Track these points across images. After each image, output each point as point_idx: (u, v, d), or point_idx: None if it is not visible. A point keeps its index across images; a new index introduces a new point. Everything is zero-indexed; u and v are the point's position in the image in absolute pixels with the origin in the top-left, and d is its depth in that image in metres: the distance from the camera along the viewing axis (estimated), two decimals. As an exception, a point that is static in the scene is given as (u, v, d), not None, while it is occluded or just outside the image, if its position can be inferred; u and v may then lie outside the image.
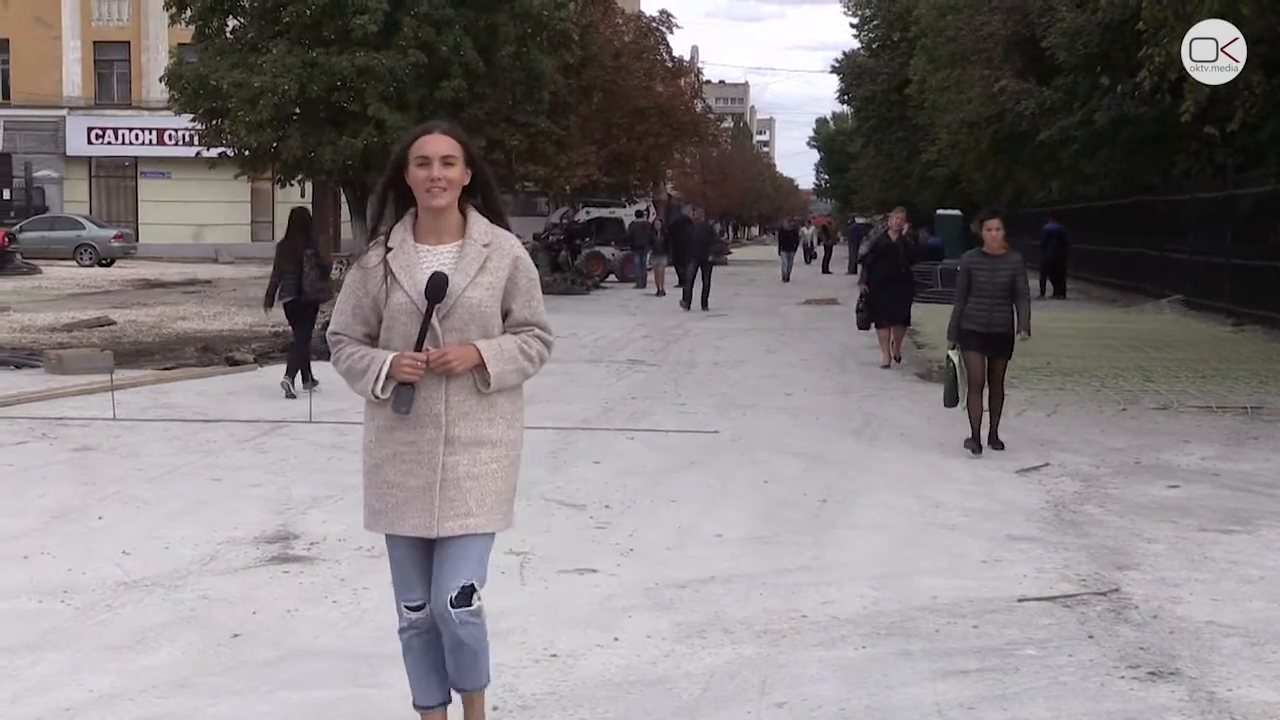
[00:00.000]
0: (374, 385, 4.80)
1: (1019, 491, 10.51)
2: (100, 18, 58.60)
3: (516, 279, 4.94)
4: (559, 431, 13.06)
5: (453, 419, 4.84)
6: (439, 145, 4.84)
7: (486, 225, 4.95)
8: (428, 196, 4.83)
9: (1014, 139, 37.68)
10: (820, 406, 15.24)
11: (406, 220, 4.96)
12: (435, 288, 4.76)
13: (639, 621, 6.97)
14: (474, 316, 4.84)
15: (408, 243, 4.90)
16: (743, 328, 26.48)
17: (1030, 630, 6.88)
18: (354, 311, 4.95)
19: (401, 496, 4.86)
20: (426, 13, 30.86)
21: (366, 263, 4.95)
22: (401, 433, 4.85)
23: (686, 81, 57.96)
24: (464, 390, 4.84)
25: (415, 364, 4.75)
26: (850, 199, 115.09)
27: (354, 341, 4.94)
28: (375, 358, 4.83)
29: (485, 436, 4.89)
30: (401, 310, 4.83)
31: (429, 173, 4.80)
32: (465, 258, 4.86)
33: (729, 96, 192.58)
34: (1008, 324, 12.29)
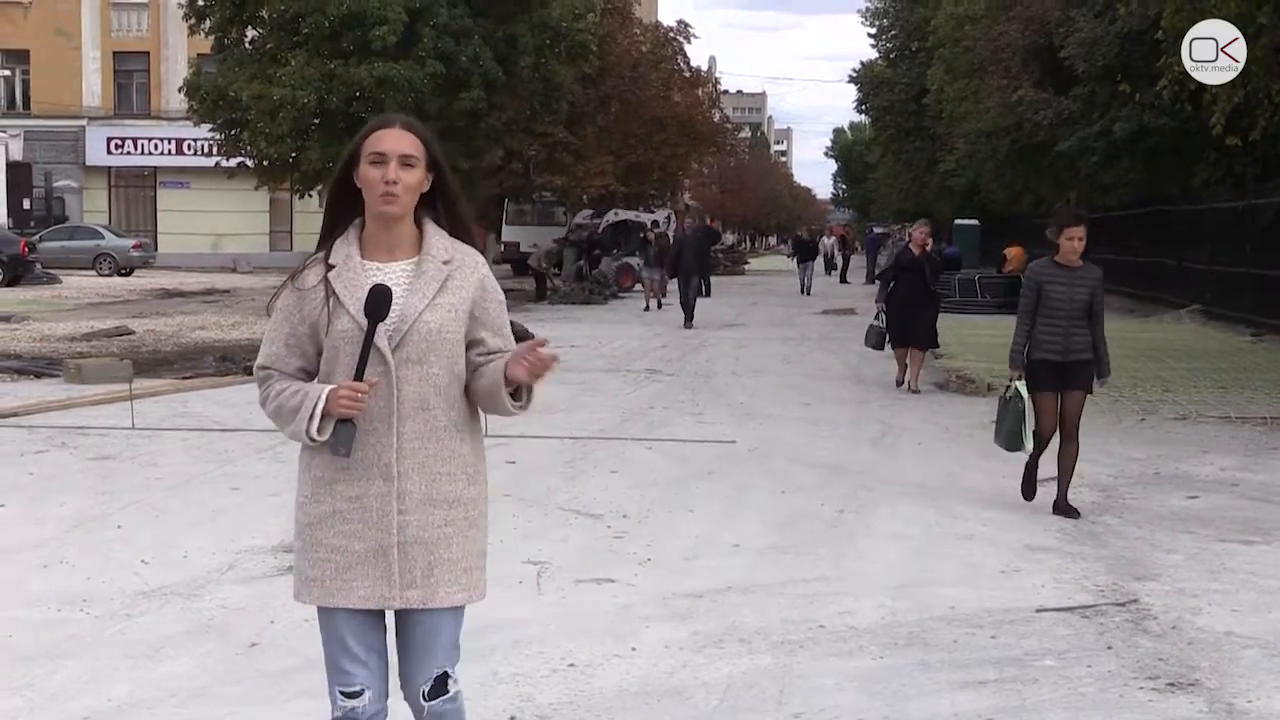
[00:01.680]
0: (308, 425, 3.97)
1: (1037, 502, 10.47)
2: (120, 28, 58.83)
3: (485, 303, 4.19)
4: (576, 441, 13.06)
5: (406, 470, 4.03)
6: (398, 142, 4.08)
7: (447, 240, 4.18)
8: (379, 201, 4.04)
9: (1032, 149, 37.64)
10: (838, 416, 15.22)
11: (351, 232, 4.16)
12: (376, 301, 3.96)
13: (656, 631, 6.97)
14: (434, 344, 4.04)
15: (353, 259, 4.10)
16: (760, 338, 26.47)
17: (1049, 641, 6.86)
18: (288, 341, 4.12)
19: (343, 562, 4.04)
20: (445, 23, 30.95)
21: (303, 282, 4.12)
22: (343, 486, 4.03)
23: (704, 91, 57.96)
24: (419, 436, 4.04)
25: (354, 394, 3.93)
26: (868, 209, 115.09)
27: (285, 377, 4.12)
28: (309, 393, 4.00)
29: (443, 494, 4.08)
30: (346, 338, 4.01)
31: (383, 173, 4.03)
32: (422, 276, 4.08)
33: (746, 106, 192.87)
34: (1087, 349, 10.13)
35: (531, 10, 32.56)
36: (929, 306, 18.12)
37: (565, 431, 13.60)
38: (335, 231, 4.18)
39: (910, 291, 17.86)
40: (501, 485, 10.76)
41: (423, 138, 4.15)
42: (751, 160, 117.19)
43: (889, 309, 18.06)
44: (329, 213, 4.24)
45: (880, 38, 69.18)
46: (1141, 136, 30.98)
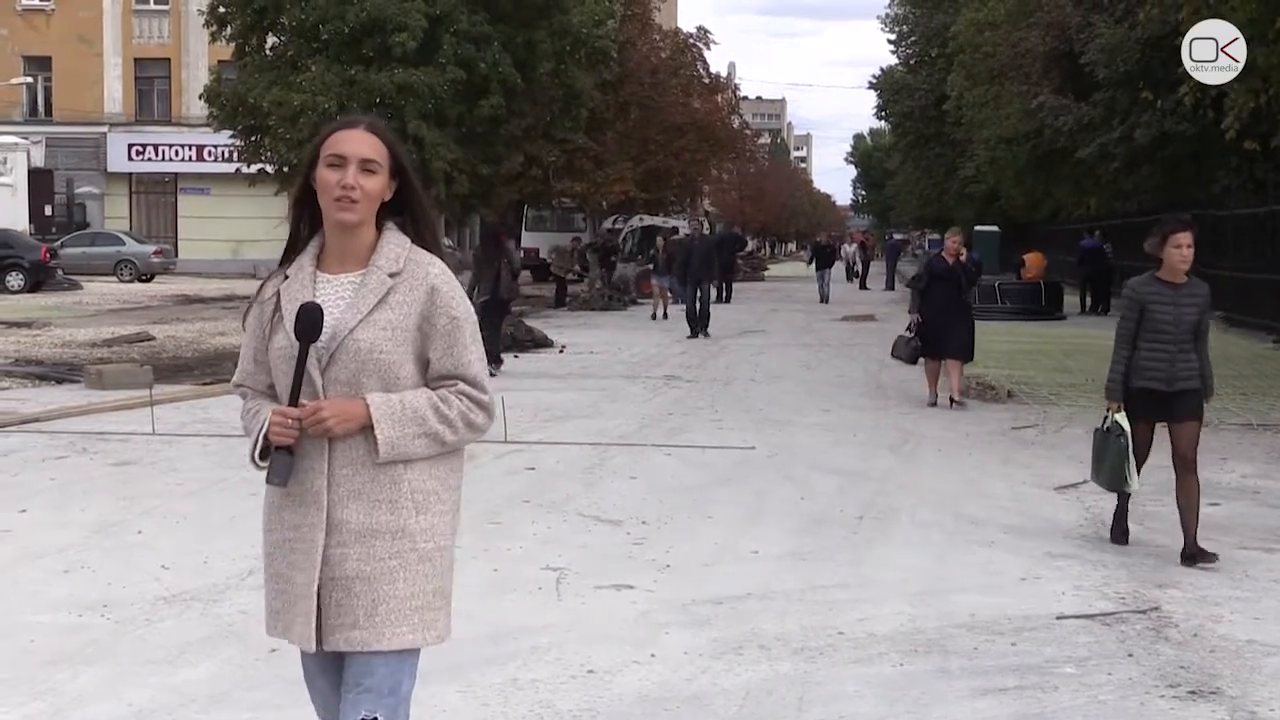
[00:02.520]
0: (252, 450, 3.81)
1: (1057, 509, 10.46)
2: (141, 35, 59.05)
3: (434, 318, 3.77)
4: (595, 447, 13.07)
5: (340, 498, 3.72)
6: (359, 144, 3.78)
7: (402, 249, 3.83)
8: (334, 208, 3.75)
9: (1052, 155, 37.61)
10: (857, 423, 15.20)
11: (314, 242, 3.90)
12: (304, 320, 3.67)
13: (676, 638, 6.97)
14: (366, 365, 3.71)
15: (304, 270, 3.84)
16: (780, 344, 26.46)
17: (1069, 648, 6.85)
18: (256, 358, 3.92)
19: (289, 594, 3.81)
20: (465, 30, 30.97)
21: (262, 295, 3.92)
22: (288, 513, 3.80)
23: (724, 98, 57.88)
24: (353, 461, 3.73)
25: (284, 422, 3.68)
26: (888, 215, 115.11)
27: (256, 394, 3.93)
28: (259, 414, 3.82)
29: (384, 524, 3.72)
30: (282, 356, 3.76)
31: (340, 177, 3.74)
32: (363, 289, 3.77)
33: (766, 113, 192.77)
34: (1194, 375, 9.12)
35: (551, 17, 32.57)
36: (964, 318, 17.21)
37: (585, 437, 13.62)
38: (298, 243, 3.93)
39: (944, 302, 16.93)
40: (521, 491, 10.80)
41: (387, 141, 3.86)
42: (771, 166, 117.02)
43: (921, 320, 17.04)
44: (293, 220, 3.96)
45: (900, 44, 69.21)
46: (1162, 143, 30.92)
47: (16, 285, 40.83)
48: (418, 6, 30.15)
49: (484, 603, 7.53)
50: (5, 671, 6.33)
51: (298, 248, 3.92)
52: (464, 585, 7.84)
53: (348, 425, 3.69)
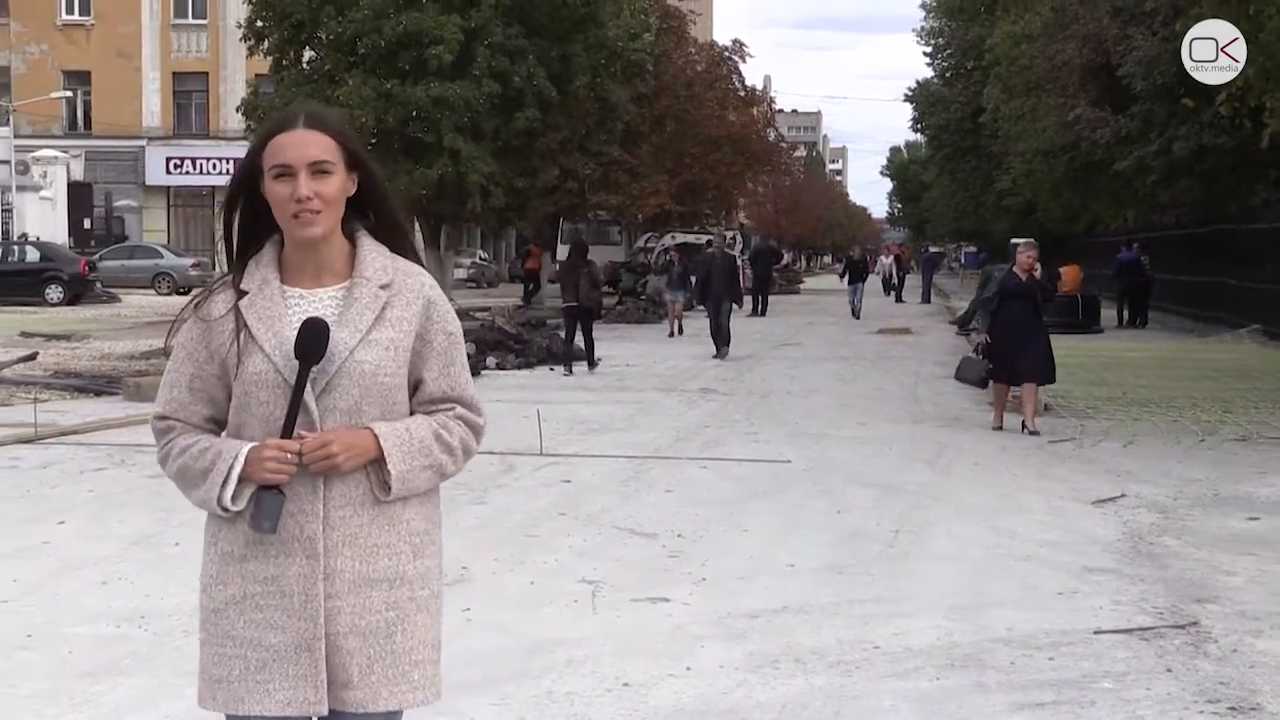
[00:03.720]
0: (219, 492, 3.24)
1: (1095, 523, 10.40)
2: (179, 50, 59.49)
3: (430, 334, 3.40)
4: (631, 460, 13.07)
5: (335, 544, 3.28)
6: (304, 147, 3.29)
7: (385, 258, 3.42)
8: (295, 225, 3.29)
9: (1089, 168, 37.43)
10: (893, 436, 15.16)
11: (269, 250, 3.41)
12: (310, 340, 3.22)
13: (711, 651, 6.95)
14: (369, 389, 3.30)
15: (270, 284, 3.35)
16: (815, 357, 26.42)
17: (1107, 663, 6.81)
18: (191, 385, 3.38)
19: (257, 659, 3.29)
20: (501, 43, 31.08)
21: (209, 312, 3.37)
22: (257, 564, 3.29)
23: (759, 110, 57.98)
24: (352, 501, 3.30)
25: (282, 457, 3.20)
26: (923, 228, 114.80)
27: (191, 429, 3.38)
28: (222, 452, 3.27)
29: (382, 571, 3.32)
30: (260, 382, 3.27)
31: (292, 189, 3.26)
32: (354, 304, 3.33)
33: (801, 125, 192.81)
34: None
35: (587, 30, 32.66)
36: (1039, 337, 15.91)
37: (620, 450, 13.62)
38: (248, 250, 3.44)
39: (1018, 320, 15.71)
40: (557, 504, 10.81)
41: (336, 133, 3.36)
42: (806, 179, 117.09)
43: (992, 341, 15.96)
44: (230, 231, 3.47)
45: (936, 56, 69.04)
46: (1201, 156, 30.75)
47: (56, 298, 41.12)
48: (454, 20, 30.27)
49: (520, 615, 7.55)
50: (44, 682, 6.36)
51: (245, 256, 3.43)
52: (500, 598, 7.89)
53: (357, 460, 3.26)
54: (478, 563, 8.72)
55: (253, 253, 3.43)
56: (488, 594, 8.00)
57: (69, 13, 59.51)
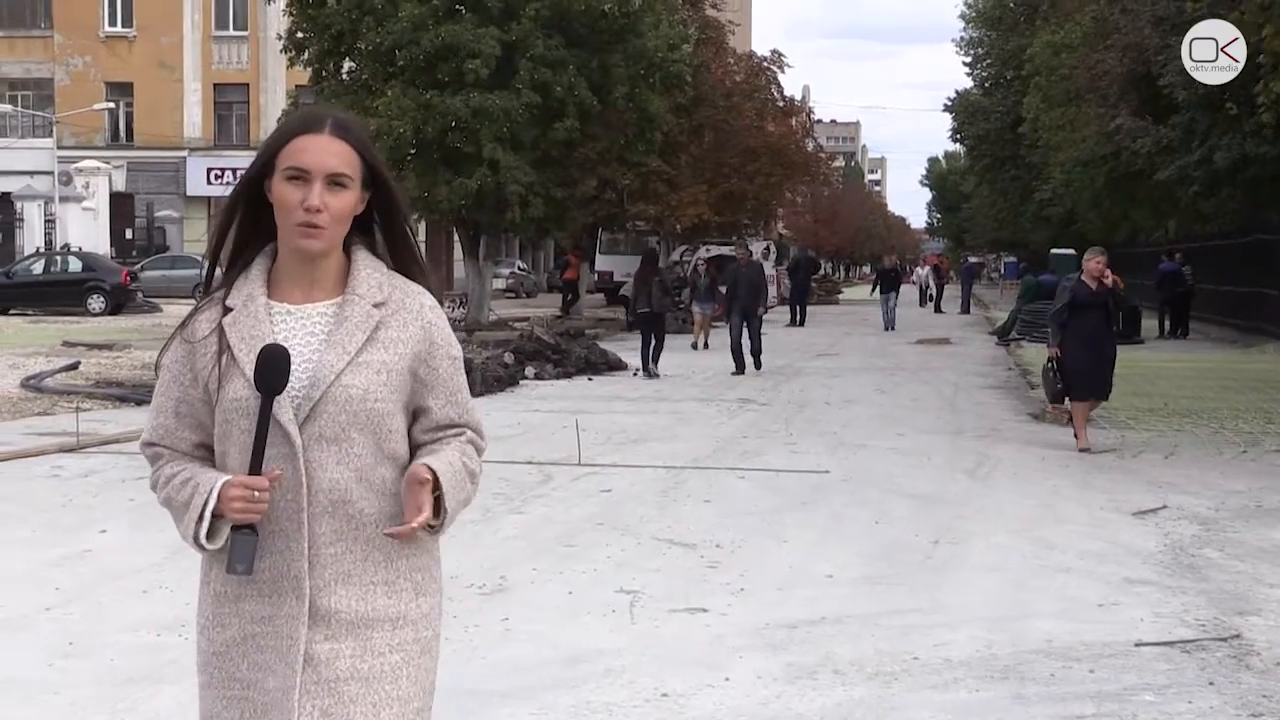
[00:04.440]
0: (195, 529, 3.00)
1: (1135, 534, 10.35)
2: (220, 61, 59.88)
3: (433, 359, 3.13)
4: (670, 470, 13.07)
5: (323, 583, 2.99)
6: (325, 155, 3.04)
7: (381, 275, 3.14)
8: (297, 235, 3.03)
9: (1130, 178, 37.26)
10: (932, 446, 15.11)
11: (260, 263, 3.14)
12: (267, 367, 2.94)
13: (750, 661, 6.94)
14: (356, 415, 3.00)
15: (255, 300, 3.07)
16: (854, 367, 26.37)
17: (1148, 676, 6.77)
18: (178, 410, 3.12)
19: (260, 701, 3.04)
20: (541, 54, 31.17)
21: (193, 332, 3.10)
22: (252, 604, 3.04)
23: (798, 121, 57.90)
24: (344, 536, 3.01)
25: (248, 496, 2.91)
26: (963, 238, 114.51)
27: (178, 457, 3.12)
28: (199, 485, 3.00)
29: (381, 611, 3.03)
30: (241, 409, 3.00)
31: (304, 196, 3.01)
32: (344, 323, 3.05)
33: (840, 135, 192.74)
34: None
35: (626, 41, 32.71)
36: (1109, 350, 15.32)
37: (659, 460, 13.62)
38: (237, 261, 3.17)
39: (1092, 332, 14.98)
40: (595, 514, 10.82)
41: (360, 147, 3.11)
42: (845, 189, 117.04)
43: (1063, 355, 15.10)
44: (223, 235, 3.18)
45: (975, 66, 68.91)
46: (1242, 165, 30.57)
47: (98, 308, 41.38)
48: (491, 33, 30.38)
49: (558, 625, 7.55)
50: (87, 689, 6.40)
51: (233, 270, 3.15)
52: (539, 608, 7.90)
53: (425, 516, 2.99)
54: (516, 572, 8.74)
55: (243, 264, 3.15)
56: (526, 604, 8.01)
57: (112, 25, 59.97)
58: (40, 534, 9.91)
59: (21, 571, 8.81)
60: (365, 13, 31.13)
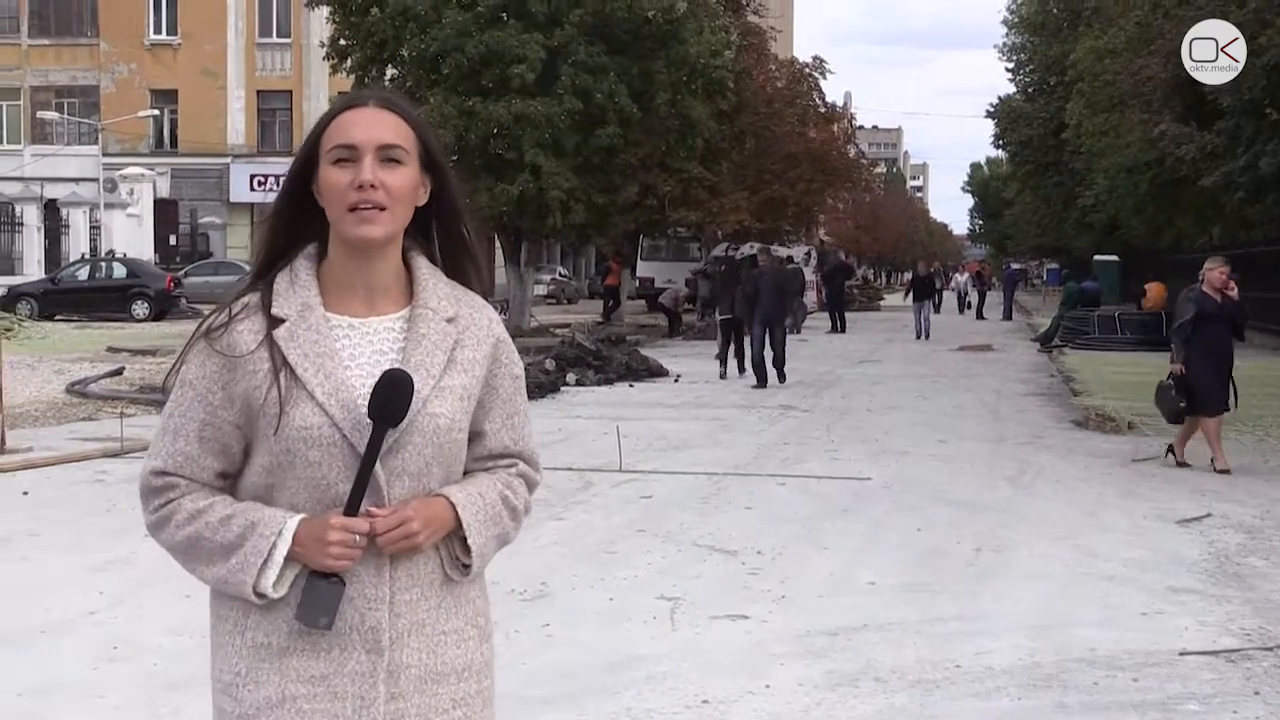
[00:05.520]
0: (258, 576, 2.59)
1: (1180, 542, 10.29)
2: (264, 68, 60.20)
3: (497, 380, 2.80)
4: (710, 477, 13.06)
5: (400, 634, 2.65)
6: (374, 128, 2.66)
7: (447, 285, 2.78)
8: (351, 221, 2.63)
9: (1174, 184, 37.07)
10: (974, 454, 15.06)
11: (304, 265, 2.73)
12: (390, 396, 2.57)
13: (791, 669, 6.93)
14: (441, 448, 2.68)
15: (314, 310, 2.67)
16: (895, 374, 26.30)
17: (1193, 685, 6.72)
18: (202, 434, 2.67)
19: None
20: (583, 61, 31.21)
21: (232, 344, 2.65)
22: (303, 660, 2.63)
23: (839, 127, 57.76)
24: (419, 581, 2.68)
25: (349, 540, 2.56)
26: (1005, 244, 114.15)
27: (199, 489, 2.70)
28: (256, 524, 2.61)
29: (450, 662, 2.71)
30: (312, 439, 2.59)
31: (354, 175, 2.62)
32: (422, 341, 2.68)
33: (882, 141, 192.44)
34: None
35: (668, 47, 32.72)
36: (1229, 365, 14.49)
37: (700, 467, 13.61)
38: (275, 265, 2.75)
39: (1216, 345, 14.23)
40: (636, 520, 10.82)
41: (412, 121, 2.74)
42: (887, 196, 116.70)
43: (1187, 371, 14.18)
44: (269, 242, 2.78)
45: (1018, 72, 68.70)
46: (1290, 170, 30.38)
47: (142, 313, 41.68)
48: (536, 39, 30.45)
49: (599, 632, 7.56)
50: (130, 693, 6.44)
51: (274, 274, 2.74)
52: (580, 614, 7.91)
53: (437, 538, 2.68)
54: (557, 579, 8.74)
55: (280, 266, 2.74)
56: (567, 610, 8.02)
57: (157, 32, 60.37)
58: (84, 538, 9.97)
59: (66, 576, 8.87)
60: (409, 20, 31.23)
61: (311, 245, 2.73)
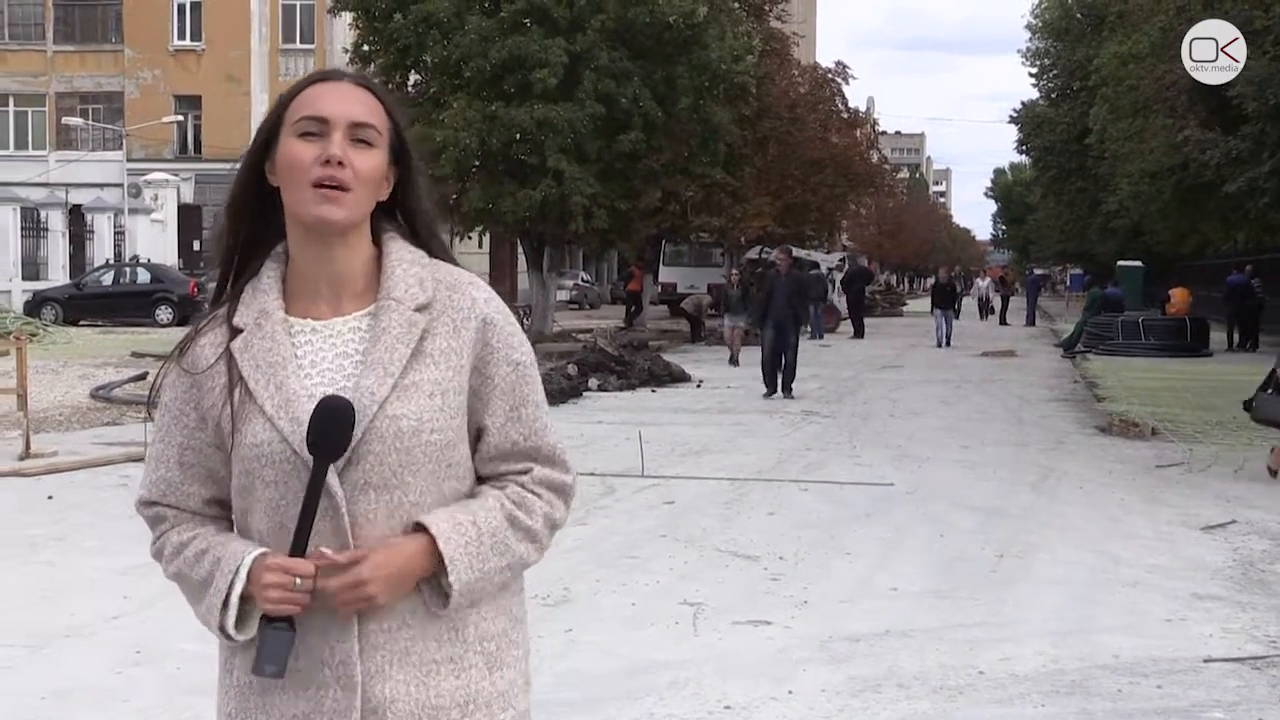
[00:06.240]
0: (220, 617, 2.43)
1: (1204, 549, 10.24)
2: (287, 73, 60.32)
3: (489, 367, 2.49)
4: (733, 482, 13.05)
5: (378, 667, 2.40)
6: (349, 103, 2.45)
7: (420, 267, 2.50)
8: (312, 199, 2.39)
9: (1198, 189, 36.96)
10: (998, 459, 15.03)
11: (271, 269, 2.52)
12: (327, 424, 2.33)
13: (813, 674, 6.92)
14: (410, 453, 2.39)
15: (271, 315, 2.46)
16: (918, 380, 26.25)
17: (1217, 692, 6.69)
18: (183, 459, 2.52)
19: None
20: (605, 66, 31.24)
21: (195, 361, 2.49)
22: (284, 698, 2.44)
23: (862, 132, 57.78)
24: (399, 609, 2.41)
25: (288, 583, 2.33)
26: (1028, 249, 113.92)
27: (186, 519, 2.55)
28: (221, 560, 2.43)
29: (449, 695, 2.44)
30: (264, 457, 2.39)
31: (321, 150, 2.40)
32: (381, 337, 2.42)
33: (905, 147, 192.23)
34: None
35: (691, 53, 32.73)
36: None
37: (722, 472, 13.60)
38: (245, 269, 2.54)
39: None
40: (658, 526, 10.81)
41: (387, 105, 2.52)
42: (910, 201, 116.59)
43: None
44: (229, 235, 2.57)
45: (1041, 77, 68.57)
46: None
47: (166, 318, 41.83)
48: (559, 44, 30.47)
49: (621, 637, 7.55)
50: (153, 697, 6.46)
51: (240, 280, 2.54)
52: (602, 619, 7.90)
53: (402, 590, 2.39)
54: (579, 584, 8.74)
55: (250, 272, 2.53)
56: (589, 615, 8.02)
57: (181, 39, 60.58)
58: (108, 542, 9.99)
59: (90, 580, 8.90)
60: (431, 26, 31.29)
61: (281, 245, 2.51)
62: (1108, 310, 37.91)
